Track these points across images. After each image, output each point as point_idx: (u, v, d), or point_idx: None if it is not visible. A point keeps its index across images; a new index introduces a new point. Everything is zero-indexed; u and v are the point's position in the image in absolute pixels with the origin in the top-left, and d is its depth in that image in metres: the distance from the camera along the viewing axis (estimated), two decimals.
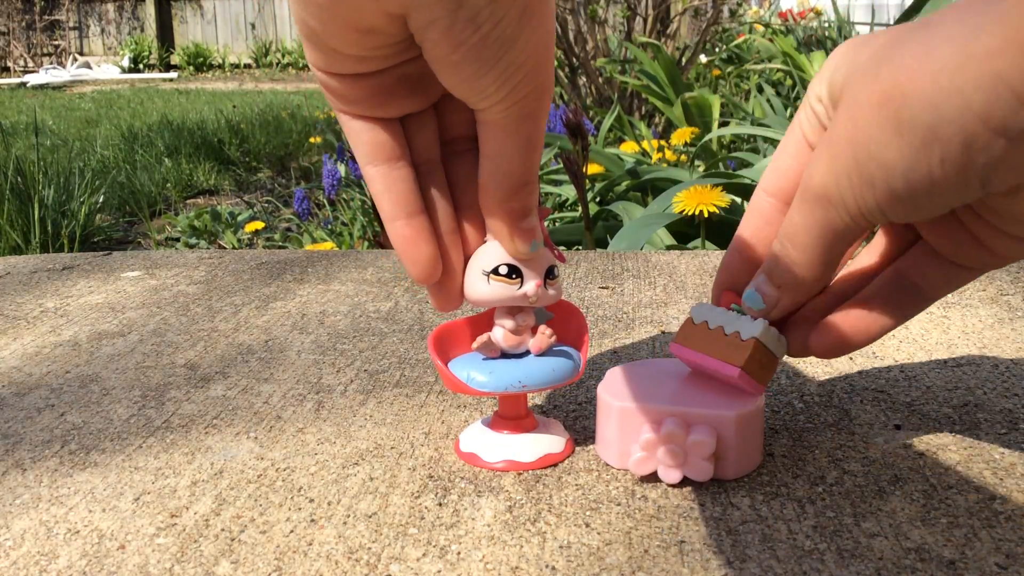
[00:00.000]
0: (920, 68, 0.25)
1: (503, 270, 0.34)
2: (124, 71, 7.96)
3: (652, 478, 0.35)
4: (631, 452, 0.35)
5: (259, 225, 1.92)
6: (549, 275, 0.35)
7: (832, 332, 0.34)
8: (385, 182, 0.33)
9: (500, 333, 0.36)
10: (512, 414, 0.38)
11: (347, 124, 0.32)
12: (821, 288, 0.34)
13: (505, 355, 0.37)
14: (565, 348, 0.38)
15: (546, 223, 1.42)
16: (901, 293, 0.34)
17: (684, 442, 0.34)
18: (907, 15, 1.31)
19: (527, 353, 0.37)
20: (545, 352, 0.37)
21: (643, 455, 0.34)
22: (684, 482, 0.35)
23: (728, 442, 0.34)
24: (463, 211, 0.35)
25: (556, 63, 2.73)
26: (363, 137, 0.32)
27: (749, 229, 0.35)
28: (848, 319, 0.34)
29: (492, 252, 0.34)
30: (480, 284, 0.34)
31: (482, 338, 0.36)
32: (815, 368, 0.47)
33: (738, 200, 1.14)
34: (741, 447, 0.35)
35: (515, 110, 0.30)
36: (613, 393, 0.36)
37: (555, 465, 0.37)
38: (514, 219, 0.33)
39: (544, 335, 0.36)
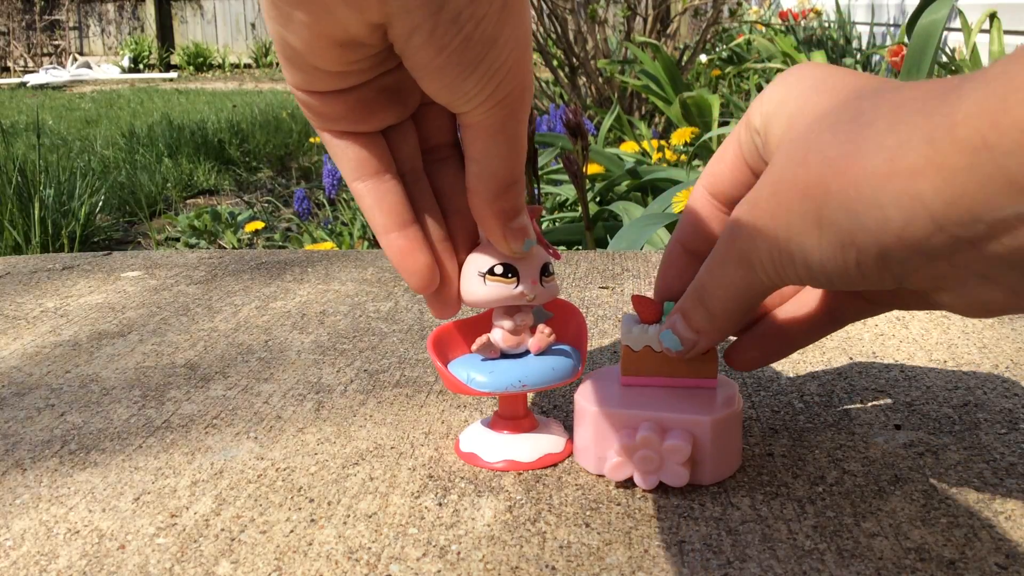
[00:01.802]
0: (846, 171, 0.24)
1: (499, 269, 0.34)
2: (124, 71, 7.96)
3: (631, 483, 0.35)
4: (607, 458, 0.35)
5: (259, 225, 1.92)
6: (544, 272, 0.35)
7: (749, 352, 0.36)
8: (374, 196, 0.33)
9: (499, 334, 0.36)
10: (512, 414, 0.38)
11: (330, 143, 0.32)
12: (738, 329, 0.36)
13: (505, 355, 0.37)
14: (565, 347, 0.38)
15: (545, 223, 1.42)
16: (816, 317, 0.35)
17: (660, 447, 0.34)
18: (915, 17, 1.31)
19: (527, 353, 0.37)
20: (545, 351, 0.37)
21: (618, 460, 0.34)
22: (662, 487, 0.35)
23: (704, 447, 0.34)
24: (451, 217, 0.35)
25: (556, 63, 2.73)
26: (348, 154, 0.32)
27: (690, 228, 0.36)
28: (765, 341, 0.36)
29: (486, 253, 0.34)
30: (477, 286, 0.34)
31: (481, 339, 0.36)
32: (815, 368, 0.47)
33: None
34: (718, 452, 0.35)
35: (498, 110, 0.30)
36: (589, 398, 0.36)
37: (555, 465, 0.37)
38: (505, 219, 0.33)
39: (543, 334, 0.36)
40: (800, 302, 0.36)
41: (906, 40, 1.94)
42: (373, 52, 0.29)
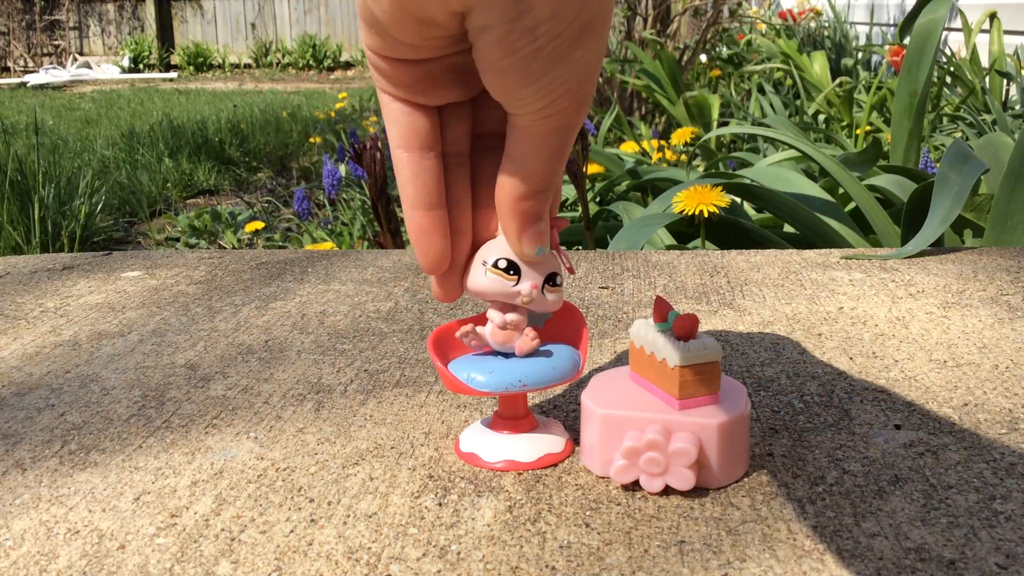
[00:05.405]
0: None
1: (501, 264, 0.34)
2: (124, 71, 7.96)
3: (637, 485, 0.35)
4: (613, 460, 0.35)
5: (259, 225, 1.92)
6: (551, 281, 0.35)
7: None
8: (414, 170, 0.33)
9: (488, 328, 0.36)
10: (512, 414, 0.38)
11: (387, 105, 0.33)
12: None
13: (504, 354, 0.37)
14: (565, 347, 0.37)
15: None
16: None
17: (666, 450, 0.34)
18: (910, 19, 1.31)
19: None
20: (544, 351, 0.37)
21: (625, 463, 0.34)
22: (668, 490, 0.35)
23: (711, 451, 0.34)
24: (479, 208, 0.35)
25: None
26: (401, 120, 0.32)
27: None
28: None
29: (497, 245, 0.34)
30: (478, 274, 0.35)
31: (466, 327, 0.36)
32: (815, 368, 0.47)
33: (738, 200, 1.14)
34: (725, 456, 0.35)
35: (548, 122, 0.30)
36: (596, 400, 0.36)
37: (555, 465, 0.37)
38: (525, 221, 0.33)
39: (527, 337, 0.36)
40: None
41: (900, 42, 1.94)
42: (451, 33, 0.29)
